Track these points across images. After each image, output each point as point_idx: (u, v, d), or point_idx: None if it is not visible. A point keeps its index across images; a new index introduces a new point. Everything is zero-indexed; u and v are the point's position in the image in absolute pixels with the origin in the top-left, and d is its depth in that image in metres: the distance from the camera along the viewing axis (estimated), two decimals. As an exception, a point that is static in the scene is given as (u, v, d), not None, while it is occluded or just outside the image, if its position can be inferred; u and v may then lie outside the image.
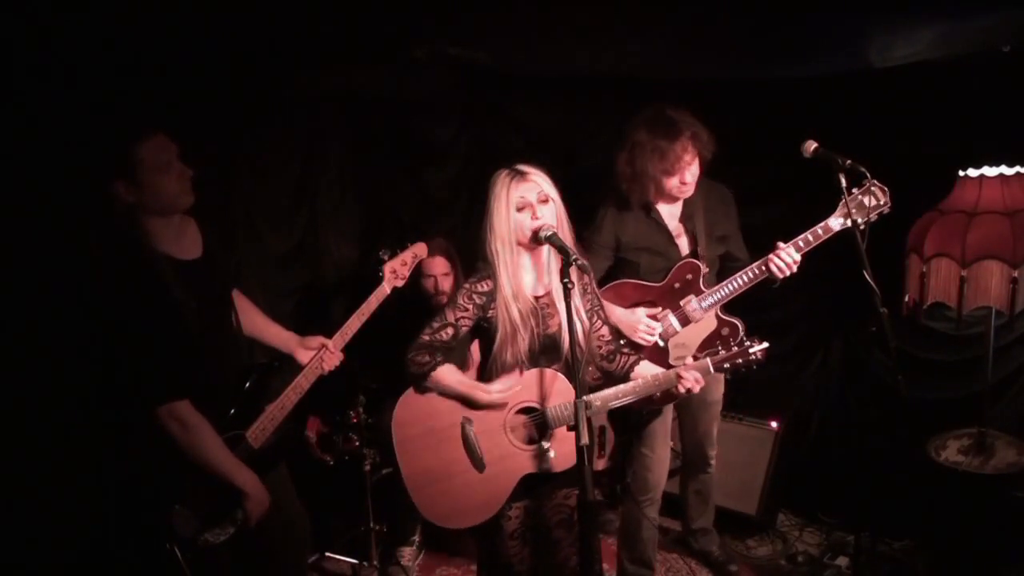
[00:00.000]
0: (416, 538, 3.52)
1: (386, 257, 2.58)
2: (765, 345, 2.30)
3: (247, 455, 2.23)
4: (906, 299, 2.91)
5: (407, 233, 3.41)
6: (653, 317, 2.80)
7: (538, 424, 2.27)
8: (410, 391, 2.32)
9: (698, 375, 2.25)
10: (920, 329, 3.21)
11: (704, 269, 2.80)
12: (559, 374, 2.26)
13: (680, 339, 2.82)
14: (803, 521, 3.70)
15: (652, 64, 3.26)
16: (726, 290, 2.75)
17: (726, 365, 2.29)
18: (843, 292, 3.44)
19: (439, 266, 3.33)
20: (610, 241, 2.89)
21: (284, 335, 2.49)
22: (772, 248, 2.70)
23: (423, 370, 2.25)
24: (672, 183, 2.74)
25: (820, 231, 2.62)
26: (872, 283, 2.35)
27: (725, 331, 2.79)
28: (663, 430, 2.99)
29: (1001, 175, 2.75)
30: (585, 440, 1.92)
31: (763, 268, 2.68)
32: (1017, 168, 2.75)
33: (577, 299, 2.24)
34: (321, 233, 3.78)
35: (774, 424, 3.61)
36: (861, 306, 2.48)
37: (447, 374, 2.26)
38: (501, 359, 2.25)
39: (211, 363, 2.17)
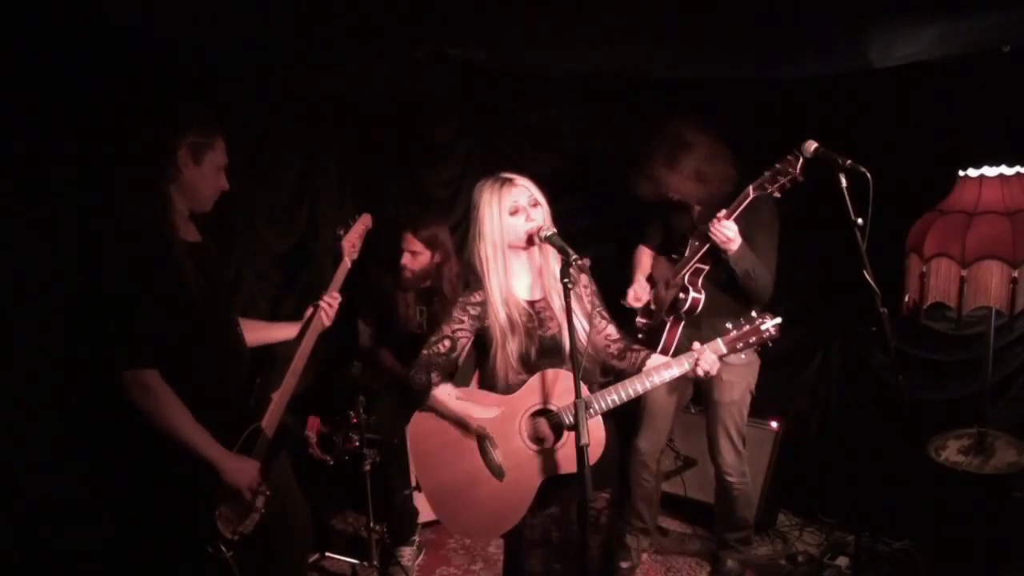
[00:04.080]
0: (416, 538, 3.53)
1: (342, 233, 2.69)
2: (778, 321, 2.25)
3: (266, 445, 2.29)
4: (906, 299, 2.92)
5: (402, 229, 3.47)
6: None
7: (553, 425, 2.26)
8: (420, 408, 2.34)
9: (714, 358, 2.22)
10: (920, 329, 3.21)
11: (693, 243, 2.94)
12: (561, 371, 2.23)
13: (660, 303, 3.07)
14: (803, 521, 3.70)
15: (652, 64, 3.26)
16: (683, 258, 2.95)
17: (739, 345, 2.25)
18: (843, 292, 3.45)
19: (410, 243, 3.37)
20: (658, 214, 3.21)
21: (287, 327, 2.57)
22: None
23: (422, 390, 2.26)
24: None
25: (741, 197, 2.76)
26: (872, 283, 2.35)
27: (680, 296, 2.94)
28: (656, 402, 3.18)
29: (1001, 175, 2.75)
30: (585, 440, 1.92)
31: (707, 237, 2.81)
32: (1017, 168, 2.75)
33: (575, 299, 2.22)
34: (321, 233, 3.78)
35: (774, 424, 3.61)
36: (861, 306, 2.48)
37: (443, 396, 2.26)
38: (493, 364, 2.26)
39: (219, 344, 2.22)
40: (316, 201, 3.77)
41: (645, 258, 3.25)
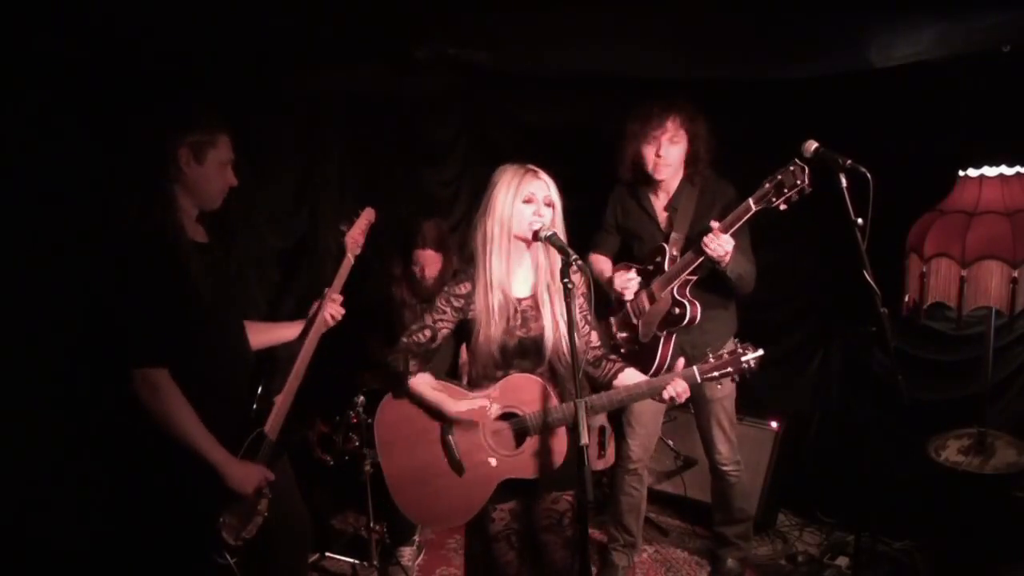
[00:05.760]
0: (416, 538, 3.53)
1: (345, 229, 2.64)
2: (760, 353, 2.22)
3: (270, 450, 2.28)
4: (906, 299, 2.91)
5: (406, 231, 3.45)
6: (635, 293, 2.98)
7: (517, 430, 2.28)
8: (392, 393, 2.38)
9: (684, 386, 2.19)
10: (920, 329, 3.21)
11: (671, 252, 2.89)
12: (539, 380, 2.26)
13: (647, 317, 2.95)
14: (803, 521, 3.70)
15: (652, 64, 3.26)
16: (672, 271, 2.86)
17: (715, 374, 2.21)
18: (843, 292, 3.45)
19: (424, 258, 3.38)
20: (612, 222, 3.14)
21: (290, 327, 2.54)
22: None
23: (400, 376, 2.30)
24: (649, 154, 2.86)
25: (741, 211, 2.66)
26: (872, 283, 2.34)
27: (676, 311, 2.86)
28: (645, 407, 3.11)
29: (1001, 175, 2.75)
30: (585, 440, 1.91)
31: (699, 251, 2.73)
32: (1017, 168, 2.75)
33: (572, 301, 2.23)
34: (321, 233, 3.79)
35: (774, 424, 3.61)
36: (861, 306, 2.48)
37: (421, 384, 2.30)
38: (478, 353, 2.27)
39: (224, 345, 2.21)
40: (316, 201, 3.78)
41: (606, 265, 3.13)
